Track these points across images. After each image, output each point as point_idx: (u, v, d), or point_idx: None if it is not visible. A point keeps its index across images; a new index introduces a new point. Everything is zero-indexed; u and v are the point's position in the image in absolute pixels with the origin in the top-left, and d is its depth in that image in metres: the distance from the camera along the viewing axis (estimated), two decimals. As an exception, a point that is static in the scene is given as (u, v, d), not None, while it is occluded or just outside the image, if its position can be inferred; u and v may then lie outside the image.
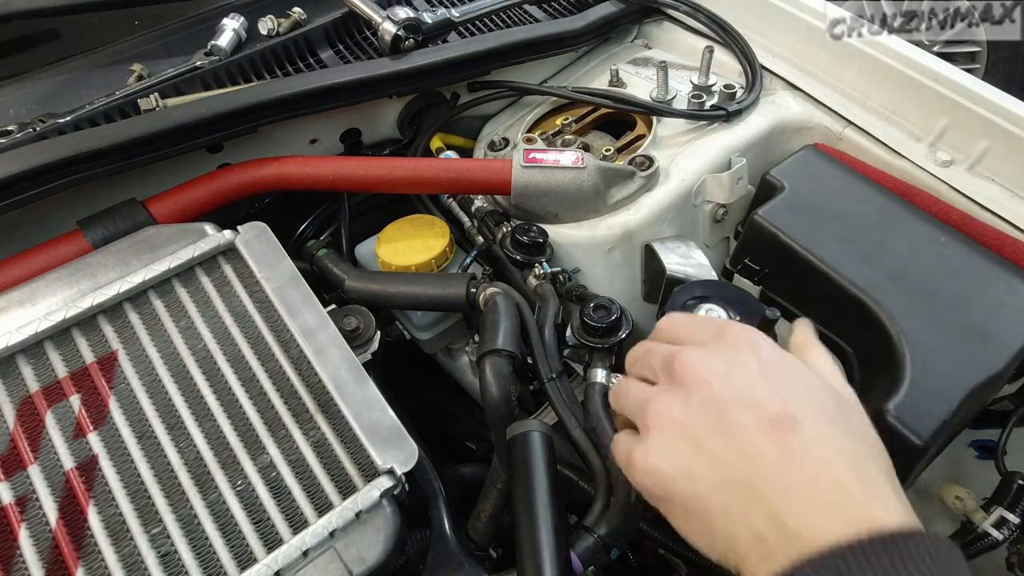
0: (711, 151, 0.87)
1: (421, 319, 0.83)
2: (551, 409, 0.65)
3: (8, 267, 0.69)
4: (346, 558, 0.52)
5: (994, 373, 0.63)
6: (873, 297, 0.68)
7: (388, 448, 0.56)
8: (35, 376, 0.58)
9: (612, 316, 0.66)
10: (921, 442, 0.59)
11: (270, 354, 0.61)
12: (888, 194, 0.79)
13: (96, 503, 0.52)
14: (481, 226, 0.86)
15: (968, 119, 0.81)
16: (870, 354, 0.70)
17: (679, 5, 1.05)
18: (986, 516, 0.75)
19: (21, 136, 0.77)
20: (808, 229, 0.74)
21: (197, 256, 0.64)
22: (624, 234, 0.81)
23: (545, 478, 0.54)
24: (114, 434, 0.56)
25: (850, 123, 0.90)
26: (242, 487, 0.54)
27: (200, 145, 0.79)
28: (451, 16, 0.95)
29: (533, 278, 0.78)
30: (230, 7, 0.96)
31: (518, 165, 0.80)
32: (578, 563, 0.51)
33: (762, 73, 0.96)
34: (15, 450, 0.54)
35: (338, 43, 0.97)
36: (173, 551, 0.51)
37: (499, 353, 0.63)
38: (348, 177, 0.81)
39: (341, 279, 0.78)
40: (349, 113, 0.93)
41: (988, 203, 0.78)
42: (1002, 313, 0.67)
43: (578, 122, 0.96)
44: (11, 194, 0.69)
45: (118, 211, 0.73)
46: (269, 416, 0.58)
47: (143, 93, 0.83)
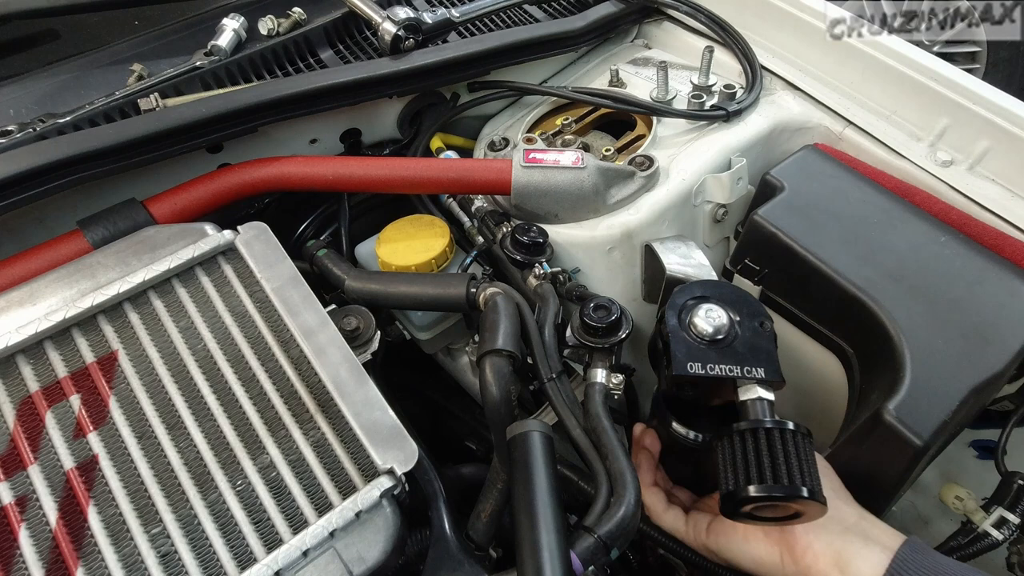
0: (711, 151, 0.87)
1: (421, 319, 0.83)
2: (551, 409, 0.65)
3: (8, 267, 0.69)
4: (346, 558, 0.52)
5: (994, 373, 0.63)
6: (873, 297, 0.68)
7: (388, 448, 0.56)
8: (35, 376, 0.58)
9: (612, 316, 0.66)
10: (921, 442, 0.59)
11: (270, 354, 0.61)
12: (888, 194, 0.79)
13: (96, 503, 0.52)
14: (481, 226, 0.86)
15: (968, 119, 0.81)
16: (870, 354, 0.70)
17: (679, 5, 1.05)
18: (986, 516, 0.75)
19: (21, 136, 0.77)
20: (808, 229, 0.74)
21: (197, 256, 0.64)
22: (624, 234, 0.81)
23: (545, 478, 0.54)
24: (114, 434, 0.56)
25: (850, 123, 0.90)
26: (242, 487, 0.54)
27: (200, 145, 0.79)
28: (451, 16, 0.95)
29: (533, 278, 0.78)
30: (230, 7, 0.96)
31: (518, 165, 0.80)
32: (578, 563, 0.51)
33: (762, 73, 0.96)
34: (15, 450, 0.54)
35: (338, 43, 0.97)
36: (173, 551, 0.51)
37: (499, 353, 0.63)
38: (348, 177, 0.81)
39: (341, 279, 0.78)
40: (349, 113, 0.93)
41: (988, 203, 0.78)
42: (1002, 313, 0.67)
43: (578, 122, 0.96)
44: (11, 194, 0.69)
45: (118, 211, 0.73)
46: (269, 416, 0.58)
47: (143, 93, 0.83)
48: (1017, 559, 0.78)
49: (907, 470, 0.62)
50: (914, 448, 0.59)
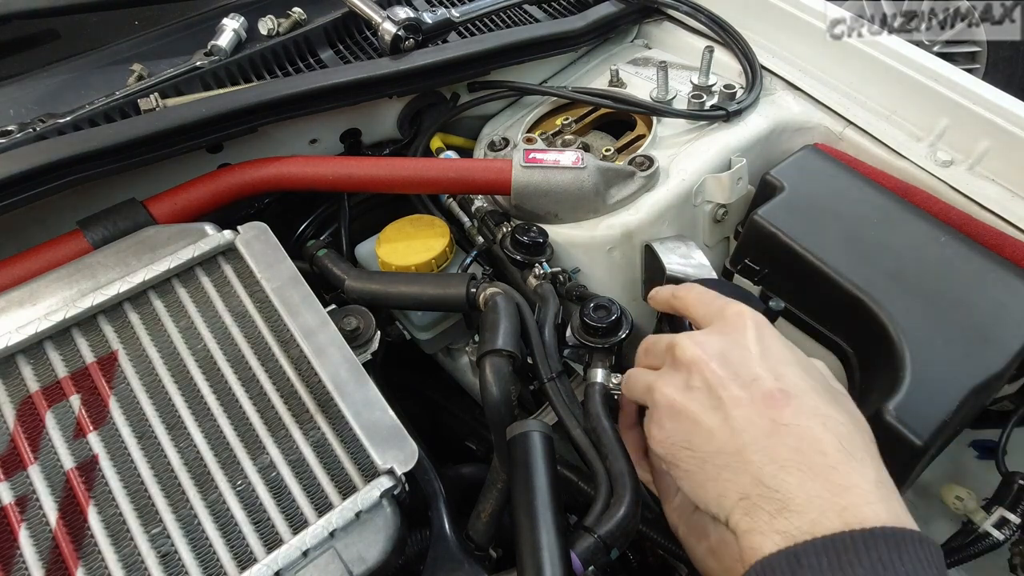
0: (711, 151, 0.87)
1: (421, 319, 0.83)
2: (551, 409, 0.65)
3: (8, 267, 0.69)
4: (346, 558, 0.52)
5: (994, 373, 0.63)
6: (873, 297, 0.68)
7: (388, 448, 0.56)
8: (35, 376, 0.58)
9: (612, 316, 0.66)
10: (921, 442, 0.59)
11: (270, 354, 0.61)
12: (888, 194, 0.79)
13: (96, 503, 0.52)
14: (481, 226, 0.86)
15: (968, 119, 0.81)
16: (870, 354, 0.70)
17: (679, 5, 1.05)
18: (987, 516, 0.75)
19: (21, 136, 0.77)
20: (808, 229, 0.74)
21: (197, 256, 0.64)
22: (624, 234, 0.81)
23: (545, 478, 0.54)
24: (114, 434, 0.56)
25: (850, 123, 0.90)
26: (242, 487, 0.54)
27: (200, 145, 0.79)
28: (451, 16, 0.95)
29: (533, 278, 0.78)
30: (230, 7, 0.96)
31: (518, 165, 0.80)
32: (578, 563, 0.50)
33: (762, 73, 0.96)
34: (15, 450, 0.54)
35: (338, 43, 0.97)
36: (173, 551, 0.51)
37: (499, 353, 0.63)
38: (348, 177, 0.81)
39: (341, 279, 0.78)
40: (349, 113, 0.93)
41: (988, 203, 0.78)
42: (1002, 313, 0.67)
43: (578, 122, 0.96)
44: (11, 194, 0.69)
45: (118, 211, 0.73)
46: (269, 416, 0.58)
47: (143, 93, 0.83)
48: (1019, 560, 0.78)
49: (907, 470, 0.62)
50: (914, 448, 0.59)
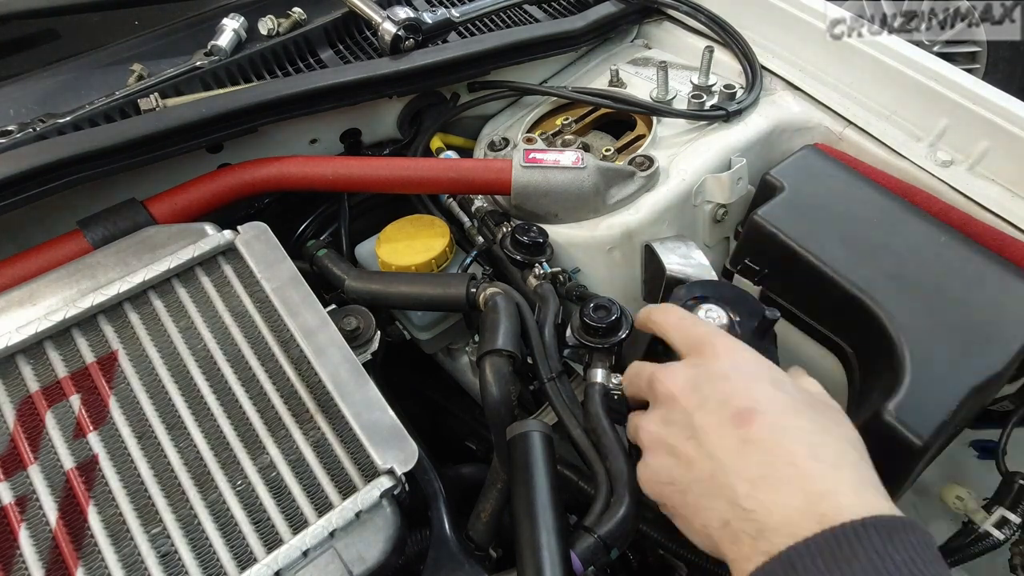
0: (711, 151, 0.87)
1: (421, 319, 0.83)
2: (551, 409, 0.65)
3: (8, 267, 0.69)
4: (346, 558, 0.52)
5: (994, 373, 0.63)
6: (873, 297, 0.68)
7: (388, 448, 0.56)
8: (35, 376, 0.58)
9: (612, 316, 0.66)
10: (921, 442, 0.59)
11: (270, 354, 0.61)
12: (888, 194, 0.78)
13: (96, 503, 0.52)
14: (481, 226, 0.86)
15: (968, 119, 0.81)
16: (870, 354, 0.70)
17: (679, 5, 1.05)
18: (987, 516, 0.75)
19: (21, 136, 0.77)
20: (808, 229, 0.74)
21: (197, 256, 0.64)
22: (624, 234, 0.81)
23: (545, 478, 0.54)
24: (114, 434, 0.56)
25: (850, 123, 0.90)
26: (242, 487, 0.54)
27: (200, 145, 0.79)
28: (451, 16, 0.95)
29: (533, 278, 0.78)
30: (230, 7, 0.96)
31: (518, 165, 0.80)
32: (578, 563, 0.51)
33: (762, 73, 0.96)
34: (15, 450, 0.54)
35: (338, 43, 0.97)
36: (173, 551, 0.51)
37: (499, 353, 0.63)
38: (348, 177, 0.81)
39: (341, 279, 0.78)
40: (349, 113, 0.93)
41: (988, 203, 0.78)
42: (1002, 313, 0.67)
43: (578, 122, 0.96)
44: (11, 194, 0.69)
45: (118, 211, 0.73)
46: (269, 416, 0.58)
47: (143, 93, 0.83)
48: (1020, 560, 0.78)
49: (907, 470, 0.62)
50: (914, 448, 0.59)
